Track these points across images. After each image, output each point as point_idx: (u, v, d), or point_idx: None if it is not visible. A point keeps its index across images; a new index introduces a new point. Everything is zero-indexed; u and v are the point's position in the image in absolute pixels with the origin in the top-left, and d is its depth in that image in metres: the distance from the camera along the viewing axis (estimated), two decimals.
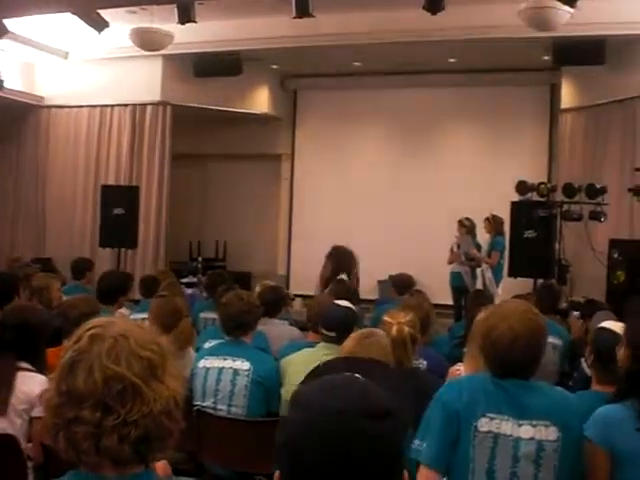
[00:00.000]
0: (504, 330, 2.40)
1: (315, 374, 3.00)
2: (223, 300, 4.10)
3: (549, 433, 2.33)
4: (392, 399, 1.18)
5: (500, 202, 8.56)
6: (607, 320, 3.29)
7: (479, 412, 2.35)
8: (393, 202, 11.34)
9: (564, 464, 2.34)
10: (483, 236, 9.22)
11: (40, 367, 3.23)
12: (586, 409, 2.67)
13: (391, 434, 1.14)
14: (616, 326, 2.99)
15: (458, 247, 9.15)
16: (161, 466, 2.15)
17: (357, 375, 1.24)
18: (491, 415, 2.35)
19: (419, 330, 3.58)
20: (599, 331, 3.04)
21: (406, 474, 1.18)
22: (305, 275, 9.53)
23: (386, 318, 3.52)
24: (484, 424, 2.34)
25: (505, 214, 8.47)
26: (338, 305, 3.95)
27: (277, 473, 1.17)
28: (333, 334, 3.76)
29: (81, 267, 6.76)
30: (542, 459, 2.32)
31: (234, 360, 3.78)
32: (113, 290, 5.35)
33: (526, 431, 2.33)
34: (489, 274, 8.66)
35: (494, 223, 8.95)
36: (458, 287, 9.02)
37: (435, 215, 10.71)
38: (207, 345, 4.24)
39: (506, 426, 2.34)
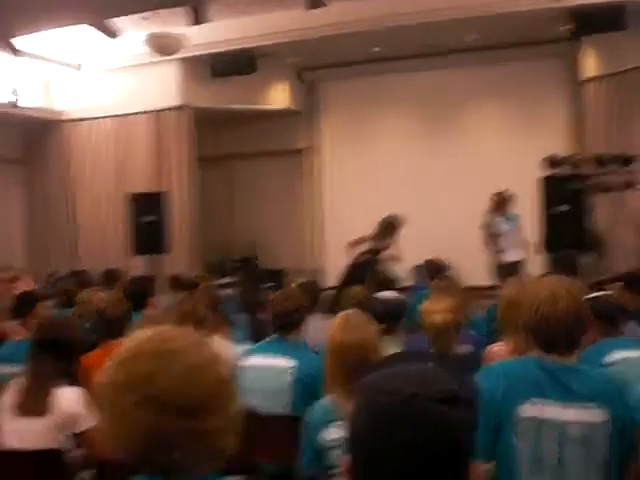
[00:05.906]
0: (547, 296, 2.36)
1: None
2: (271, 297, 4.19)
3: (597, 415, 2.27)
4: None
5: (528, 178, 8.46)
6: None
7: (520, 398, 2.29)
8: (422, 186, 11.27)
9: (614, 445, 2.29)
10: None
11: (72, 379, 3.28)
12: None
13: (464, 419, 1.11)
14: None
15: None
16: None
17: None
18: (534, 400, 2.29)
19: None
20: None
21: (478, 466, 1.15)
22: (337, 267, 9.48)
23: (424, 305, 3.47)
24: (526, 410, 2.28)
25: (533, 189, 8.36)
26: (387, 297, 3.96)
27: (346, 460, 1.14)
28: (384, 326, 3.78)
29: (113, 276, 6.76)
30: (591, 441, 2.26)
31: (279, 358, 3.80)
32: (138, 296, 5.44)
33: (573, 414, 2.27)
34: None
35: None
36: None
37: (465, 196, 10.63)
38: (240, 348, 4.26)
39: (550, 410, 2.27)
